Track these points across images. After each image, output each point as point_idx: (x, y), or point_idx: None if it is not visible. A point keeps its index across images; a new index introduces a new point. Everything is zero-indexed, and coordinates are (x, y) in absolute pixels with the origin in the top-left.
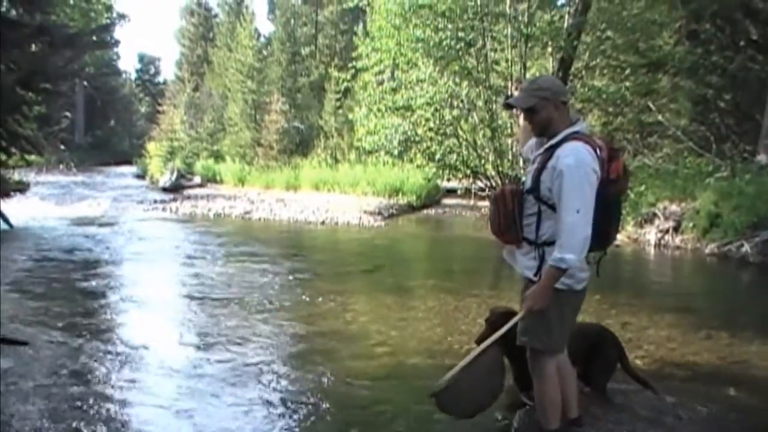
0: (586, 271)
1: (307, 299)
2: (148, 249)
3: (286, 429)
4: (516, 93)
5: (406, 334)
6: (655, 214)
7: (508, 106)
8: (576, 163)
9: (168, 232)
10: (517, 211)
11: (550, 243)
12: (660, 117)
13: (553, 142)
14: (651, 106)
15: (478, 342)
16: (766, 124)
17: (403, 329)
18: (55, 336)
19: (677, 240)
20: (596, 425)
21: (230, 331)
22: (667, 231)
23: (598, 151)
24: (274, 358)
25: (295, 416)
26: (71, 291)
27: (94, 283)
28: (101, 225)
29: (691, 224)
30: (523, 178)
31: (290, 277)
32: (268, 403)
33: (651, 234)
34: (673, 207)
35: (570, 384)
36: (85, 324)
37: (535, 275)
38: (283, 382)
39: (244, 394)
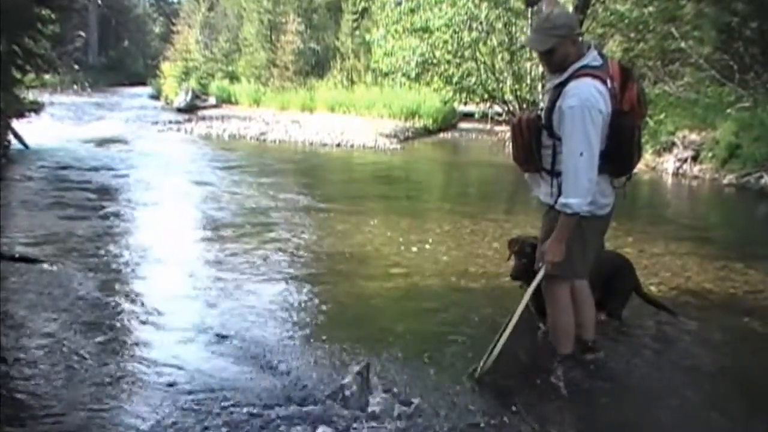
0: (608, 197)
1: (322, 221)
2: (163, 169)
3: (302, 338)
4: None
5: (422, 257)
6: (673, 143)
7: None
8: (579, 104)
9: (183, 152)
10: (534, 142)
11: None
12: (683, 44)
13: (561, 79)
14: (674, 32)
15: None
16: None
17: (419, 251)
18: (68, 255)
19: (695, 169)
20: (611, 350)
21: (243, 253)
22: (685, 160)
23: (608, 82)
24: (288, 278)
25: (309, 331)
26: (85, 210)
27: (107, 203)
28: (116, 145)
29: (710, 154)
30: (541, 104)
31: (305, 199)
32: (283, 319)
33: (669, 163)
34: (693, 136)
35: (587, 308)
36: (99, 244)
37: (555, 203)
38: (297, 300)
39: (260, 307)
